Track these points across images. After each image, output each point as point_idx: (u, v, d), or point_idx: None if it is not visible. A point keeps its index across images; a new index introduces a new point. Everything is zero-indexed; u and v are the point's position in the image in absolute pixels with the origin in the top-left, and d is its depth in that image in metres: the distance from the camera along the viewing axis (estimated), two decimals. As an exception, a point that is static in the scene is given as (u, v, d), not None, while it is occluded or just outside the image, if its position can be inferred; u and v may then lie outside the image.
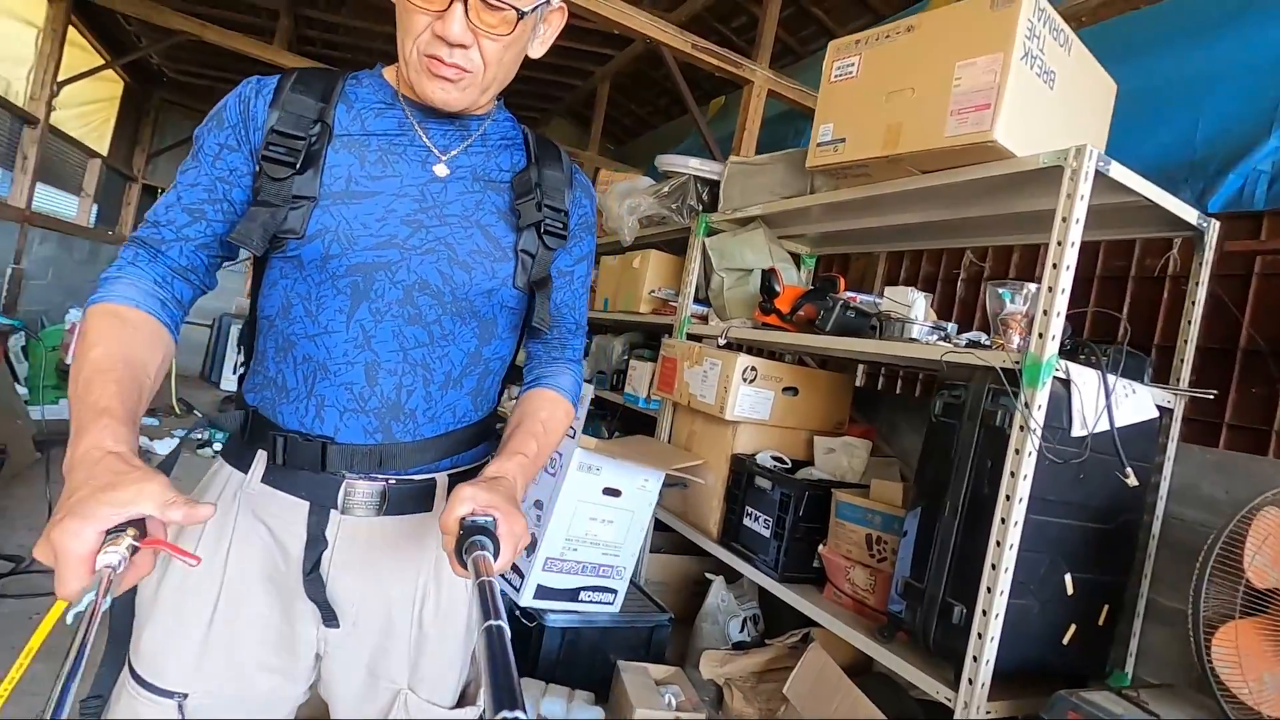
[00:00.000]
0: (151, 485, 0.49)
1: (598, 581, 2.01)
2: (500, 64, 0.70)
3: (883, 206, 1.93)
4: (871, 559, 1.66)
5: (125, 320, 0.63)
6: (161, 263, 0.68)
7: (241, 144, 0.69)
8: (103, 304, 0.63)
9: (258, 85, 0.70)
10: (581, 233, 0.83)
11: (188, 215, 0.69)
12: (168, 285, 0.68)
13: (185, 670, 0.68)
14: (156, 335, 0.65)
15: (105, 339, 0.60)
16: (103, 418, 0.53)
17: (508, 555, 0.61)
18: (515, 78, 2.56)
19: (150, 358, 0.62)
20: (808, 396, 2.16)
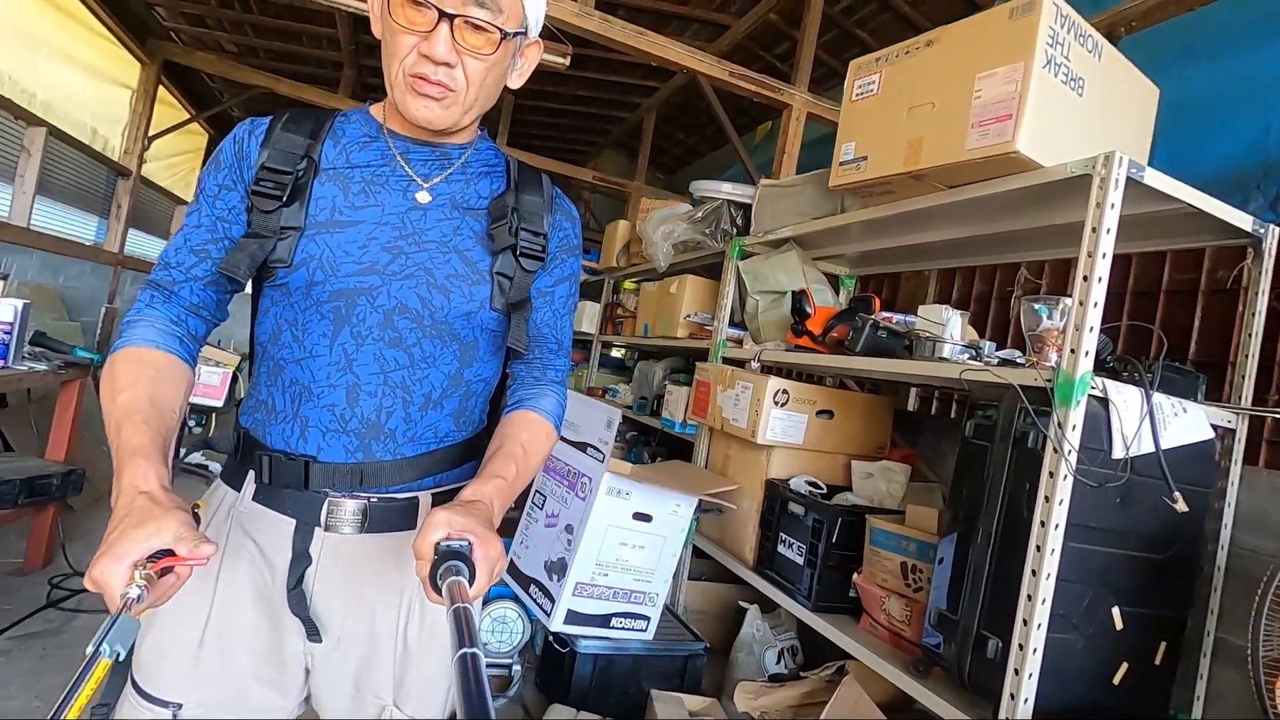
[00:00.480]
0: (168, 523, 0.56)
1: (629, 608, 1.99)
2: (482, 85, 0.73)
3: (913, 224, 1.89)
4: (907, 588, 1.59)
5: (148, 362, 0.68)
6: (175, 303, 0.73)
7: (237, 183, 0.74)
8: (126, 349, 0.69)
9: (250, 127, 0.75)
10: (563, 255, 0.84)
11: (194, 256, 0.74)
12: (183, 323, 0.73)
13: (179, 680, 0.71)
14: (177, 371, 0.71)
15: (132, 383, 0.66)
16: (135, 458, 0.60)
17: (483, 581, 0.61)
18: (565, 112, 2.67)
19: (173, 394, 0.68)
20: (844, 420, 2.10)
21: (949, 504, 1.46)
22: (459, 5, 0.68)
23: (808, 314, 2.02)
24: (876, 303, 1.95)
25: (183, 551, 0.56)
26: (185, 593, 0.72)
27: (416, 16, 0.68)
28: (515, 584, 2.12)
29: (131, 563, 0.54)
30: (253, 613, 0.73)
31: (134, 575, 0.54)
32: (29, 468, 2.19)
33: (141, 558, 0.54)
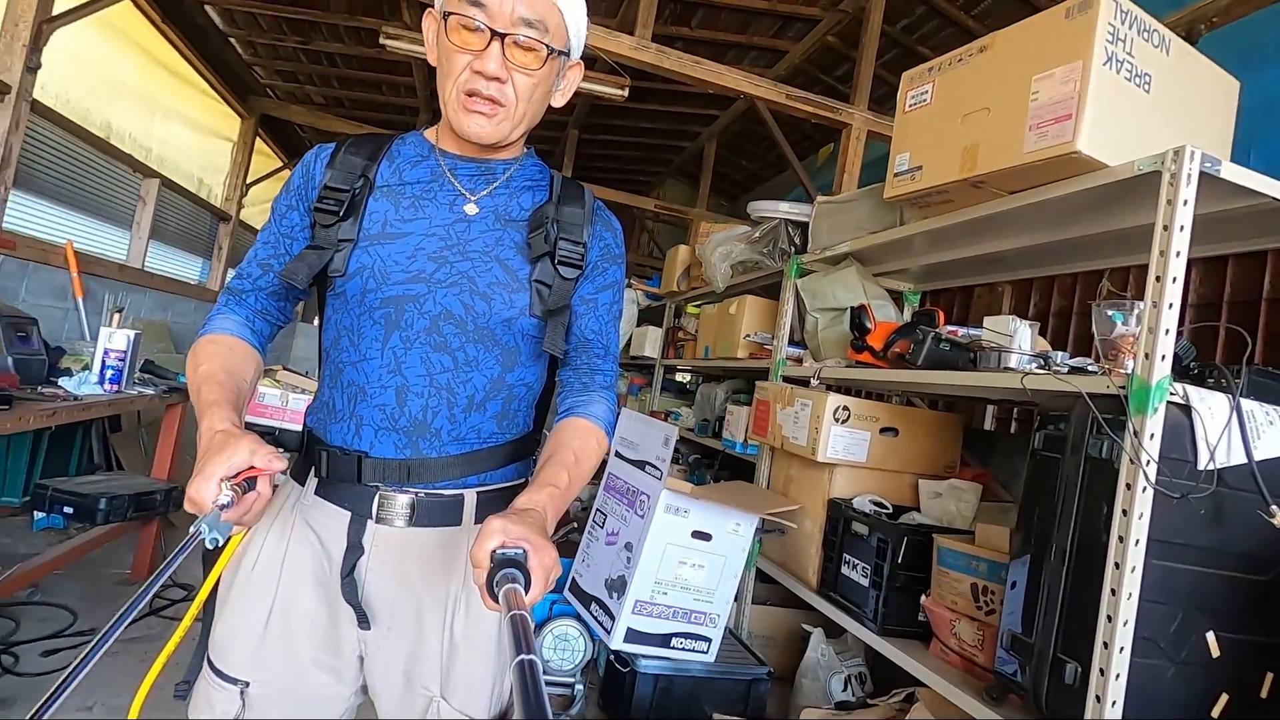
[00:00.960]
0: (243, 442, 0.65)
1: (690, 628, 1.97)
2: (530, 100, 0.79)
3: (977, 233, 1.84)
4: (979, 611, 1.51)
5: (223, 343, 0.80)
6: (245, 306, 0.84)
7: (301, 202, 0.82)
8: (205, 335, 0.80)
9: (317, 152, 0.83)
10: (604, 263, 0.87)
11: (260, 269, 0.84)
12: (250, 323, 0.84)
13: (246, 660, 0.76)
14: (248, 353, 0.81)
15: (210, 358, 0.77)
16: (211, 408, 0.70)
17: (539, 588, 0.62)
18: (628, 144, 2.77)
19: (245, 368, 0.79)
20: (910, 437, 2.04)
21: (1019, 521, 1.39)
22: (509, 25, 0.74)
23: (868, 329, 1.98)
24: (940, 316, 1.89)
25: (259, 463, 0.64)
26: (253, 577, 0.78)
27: (470, 37, 0.74)
28: (577, 602, 2.13)
29: (218, 479, 0.62)
30: (313, 600, 0.78)
31: (221, 489, 0.62)
32: (136, 485, 2.38)
33: (226, 475, 0.62)
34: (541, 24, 0.75)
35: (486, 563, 0.62)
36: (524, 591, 0.60)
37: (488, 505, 0.82)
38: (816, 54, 4.53)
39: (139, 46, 3.58)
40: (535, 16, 0.74)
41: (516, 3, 0.73)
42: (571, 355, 0.87)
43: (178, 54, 3.95)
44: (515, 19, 0.74)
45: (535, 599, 0.62)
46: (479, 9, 0.73)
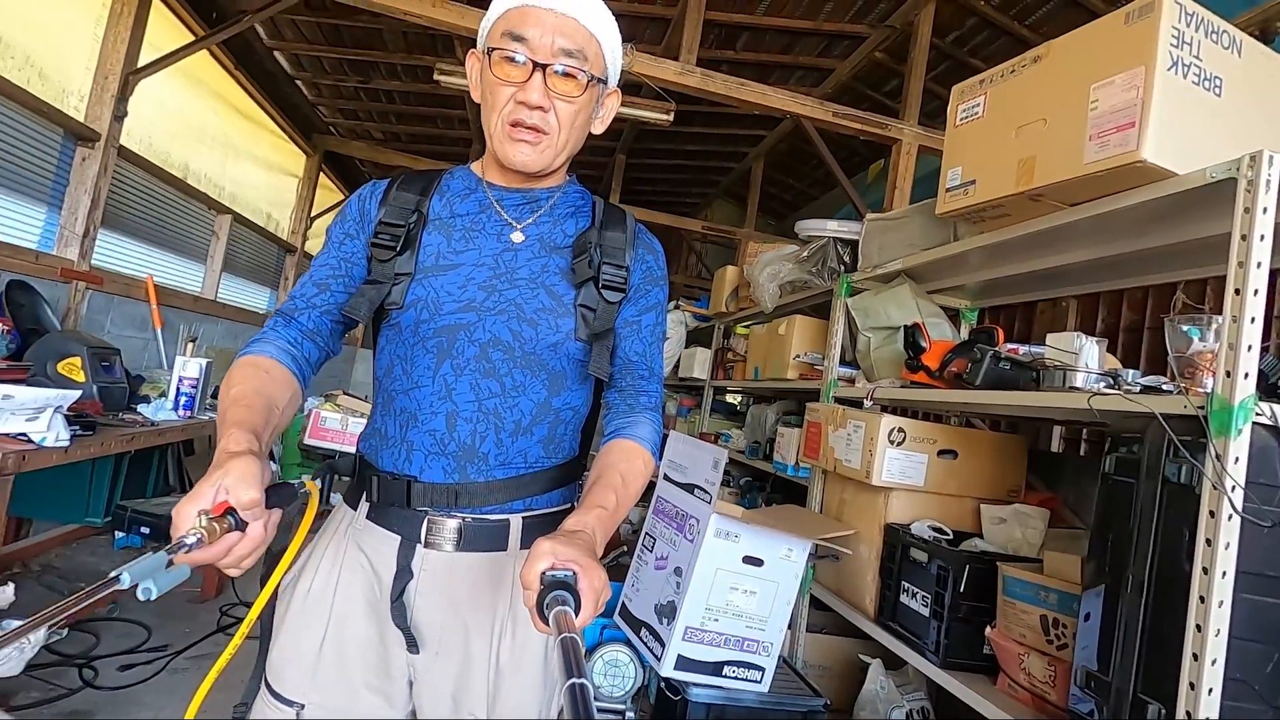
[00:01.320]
0: (231, 468, 0.59)
1: (742, 656, 1.92)
2: (573, 126, 0.81)
3: (1037, 247, 1.77)
4: (1049, 645, 1.43)
5: (261, 367, 0.77)
6: (294, 327, 0.82)
7: (359, 233, 0.85)
8: (245, 357, 0.79)
9: (373, 188, 0.86)
10: (646, 286, 0.88)
11: (316, 288, 0.84)
12: (298, 345, 0.82)
13: (302, 682, 0.78)
14: (286, 379, 0.78)
15: (244, 380, 0.75)
16: (229, 429, 0.66)
17: (589, 610, 0.61)
18: (675, 167, 2.81)
19: (279, 395, 0.75)
20: (970, 460, 1.96)
21: (1091, 550, 1.31)
22: (549, 56, 0.77)
23: (922, 348, 1.93)
24: (1000, 334, 1.82)
25: (232, 498, 0.57)
26: (308, 601, 0.79)
27: (513, 70, 0.77)
28: (627, 627, 2.11)
29: (198, 509, 0.56)
30: (364, 623, 0.79)
31: (198, 521, 0.55)
32: (207, 505, 2.48)
33: (208, 504, 0.56)
34: (580, 53, 0.78)
35: (537, 584, 0.61)
36: (574, 614, 0.59)
37: (534, 530, 0.82)
38: (865, 71, 4.49)
39: (214, 92, 3.82)
40: (574, 46, 0.77)
41: (556, 34, 0.76)
42: (616, 377, 0.87)
43: (249, 98, 4.20)
44: (555, 50, 0.77)
45: (585, 621, 0.61)
46: (520, 43, 0.76)
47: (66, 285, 2.67)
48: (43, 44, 2.49)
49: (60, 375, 1.94)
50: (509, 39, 0.77)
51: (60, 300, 2.63)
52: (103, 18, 2.75)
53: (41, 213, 2.63)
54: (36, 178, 2.57)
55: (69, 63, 2.65)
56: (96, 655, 2.06)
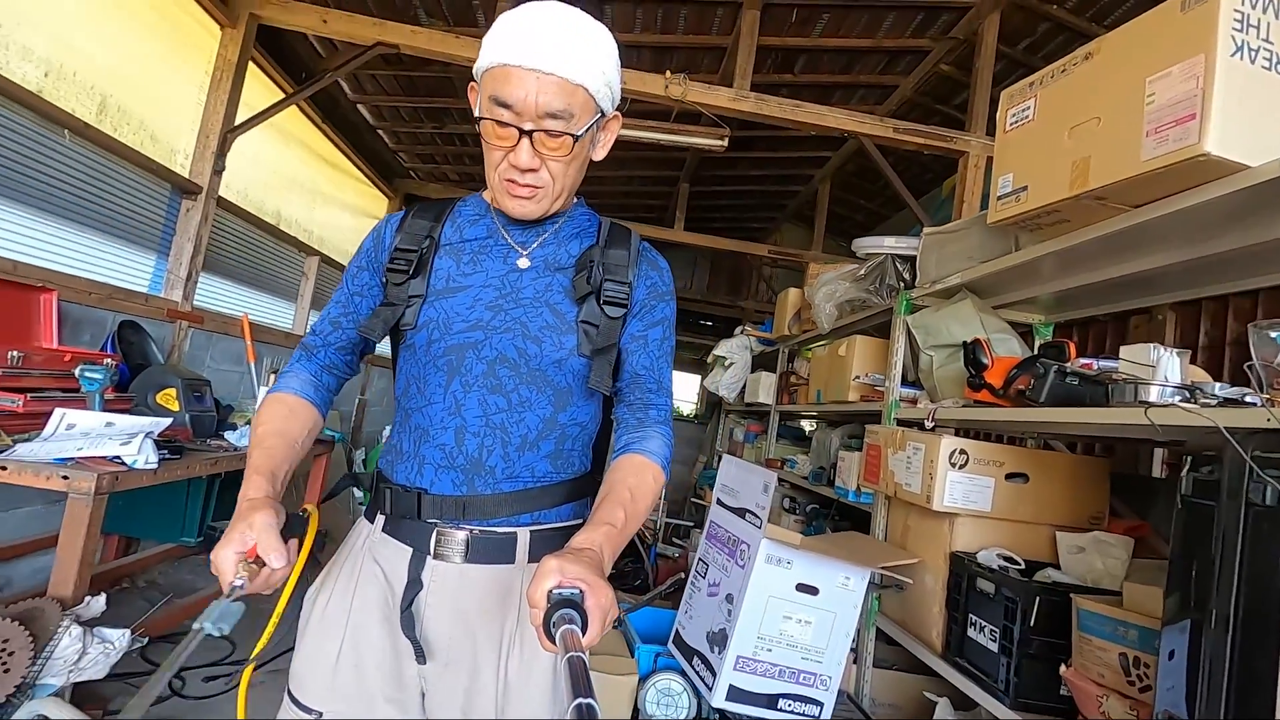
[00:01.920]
0: (253, 519, 0.69)
1: (799, 689, 1.84)
2: (565, 176, 0.83)
3: (1108, 254, 1.65)
4: (1131, 686, 1.30)
5: (286, 404, 0.86)
6: (315, 361, 0.91)
7: (370, 264, 0.90)
8: (274, 394, 0.88)
9: (388, 220, 0.92)
10: (652, 301, 0.88)
11: (331, 326, 0.92)
12: (319, 378, 0.91)
13: (321, 691, 0.81)
14: (306, 413, 0.87)
15: (270, 419, 0.84)
16: (252, 475, 0.76)
17: (596, 629, 0.62)
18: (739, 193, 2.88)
19: (299, 429, 0.85)
20: (1044, 484, 1.83)
21: (1171, 582, 1.19)
22: (535, 121, 0.77)
23: (984, 365, 1.83)
24: (1071, 348, 1.71)
25: (260, 550, 0.67)
26: (327, 612, 0.83)
27: (503, 133, 0.79)
28: (680, 656, 2.07)
29: (233, 552, 0.67)
30: (380, 635, 0.82)
31: (239, 567, 0.66)
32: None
33: (241, 550, 0.67)
34: (566, 112, 0.77)
35: (543, 602, 0.61)
36: (581, 632, 0.59)
37: (542, 544, 0.83)
38: (930, 85, 4.37)
39: (303, 144, 4.14)
40: (559, 107, 0.77)
41: (539, 97, 0.76)
42: (625, 391, 0.88)
43: (335, 147, 4.53)
44: (540, 114, 0.77)
45: (592, 641, 0.61)
46: (506, 109, 0.77)
47: (171, 324, 2.94)
48: (155, 110, 2.79)
49: (158, 405, 2.13)
50: (494, 104, 0.77)
51: (166, 338, 2.90)
52: (205, 85, 3.06)
53: (151, 259, 2.92)
54: (148, 228, 2.86)
55: (176, 125, 2.95)
56: (185, 666, 2.21)
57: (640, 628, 2.49)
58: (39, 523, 2.36)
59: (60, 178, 2.36)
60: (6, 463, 1.48)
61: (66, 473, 1.49)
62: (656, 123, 3.65)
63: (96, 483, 1.49)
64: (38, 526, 2.35)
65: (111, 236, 2.66)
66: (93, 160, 2.49)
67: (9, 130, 2.15)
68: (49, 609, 1.39)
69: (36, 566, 2.41)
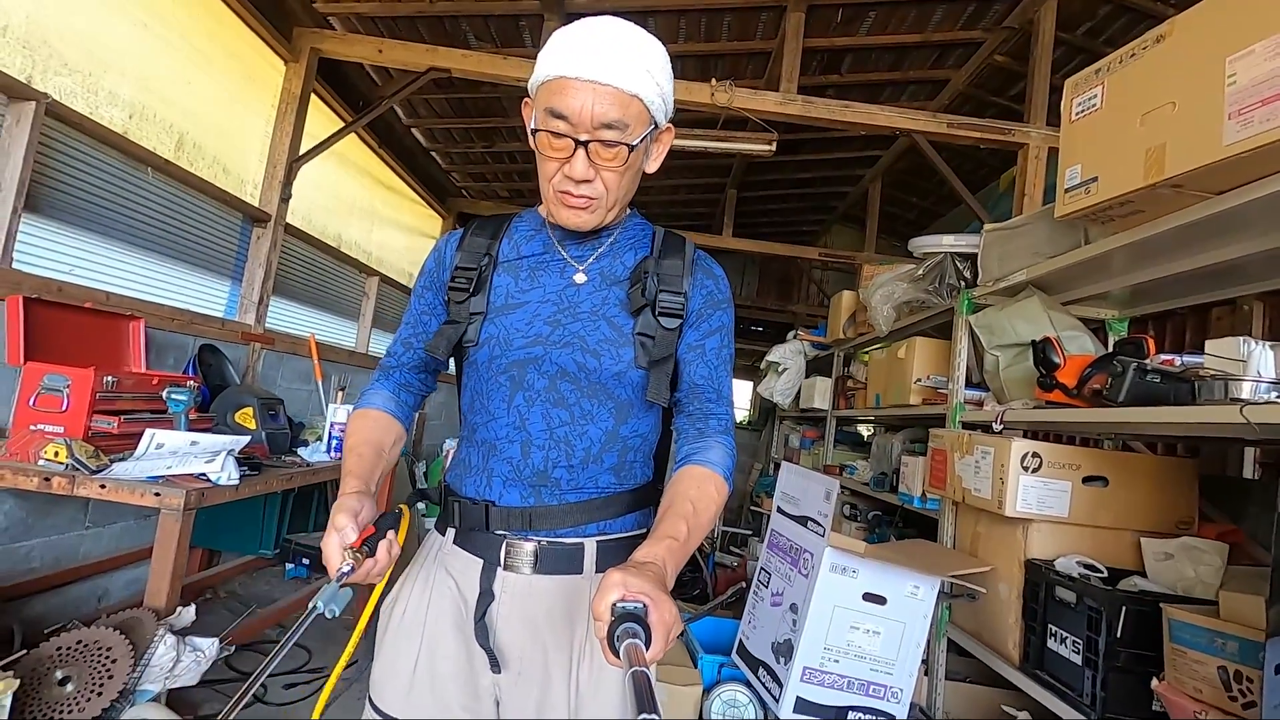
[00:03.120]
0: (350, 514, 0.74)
1: (868, 702, 1.80)
2: (620, 187, 0.83)
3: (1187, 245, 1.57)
4: (1232, 702, 1.22)
5: (370, 418, 0.91)
6: (391, 381, 0.96)
7: (434, 283, 0.93)
8: (359, 410, 0.93)
9: (448, 238, 0.95)
10: (708, 310, 0.88)
11: (403, 347, 0.96)
12: (397, 395, 0.95)
13: (400, 700, 0.83)
14: (390, 424, 0.92)
15: (357, 433, 0.89)
16: (349, 477, 0.81)
17: (659, 644, 0.61)
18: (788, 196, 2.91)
19: (386, 439, 0.89)
20: (1125, 488, 1.75)
21: (1273, 590, 1.12)
22: (590, 131, 0.78)
23: (1055, 364, 1.76)
24: (1150, 344, 1.63)
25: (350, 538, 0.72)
26: (404, 622, 0.86)
27: (558, 144, 0.79)
28: (745, 666, 2.05)
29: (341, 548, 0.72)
30: (454, 645, 0.84)
31: (345, 555, 0.71)
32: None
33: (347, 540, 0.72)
34: (621, 122, 0.78)
35: (607, 615, 0.62)
36: (645, 647, 0.59)
37: (608, 554, 0.84)
38: (985, 77, 4.25)
39: (361, 169, 4.31)
40: (614, 117, 0.77)
41: (594, 107, 0.76)
42: (684, 402, 0.88)
43: (391, 171, 4.69)
44: (596, 124, 0.77)
45: (656, 655, 0.61)
46: (562, 120, 0.78)
47: (245, 346, 3.09)
48: (226, 144, 2.96)
49: (237, 423, 2.24)
50: (550, 116, 0.78)
51: (241, 359, 3.05)
52: (271, 118, 3.22)
53: (226, 285, 3.08)
54: (223, 256, 3.02)
55: (245, 157, 3.12)
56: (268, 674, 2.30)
57: (701, 638, 2.48)
58: (131, 537, 2.51)
59: (144, 212, 2.52)
60: (105, 481, 1.58)
61: (158, 490, 1.58)
62: (703, 130, 3.65)
63: (185, 499, 1.58)
64: (130, 540, 2.50)
65: (190, 265, 2.82)
66: (172, 195, 2.65)
67: (99, 170, 2.31)
68: (146, 619, 1.48)
69: (130, 578, 2.56)
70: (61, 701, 1.26)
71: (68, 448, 1.59)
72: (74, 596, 2.32)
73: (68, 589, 2.26)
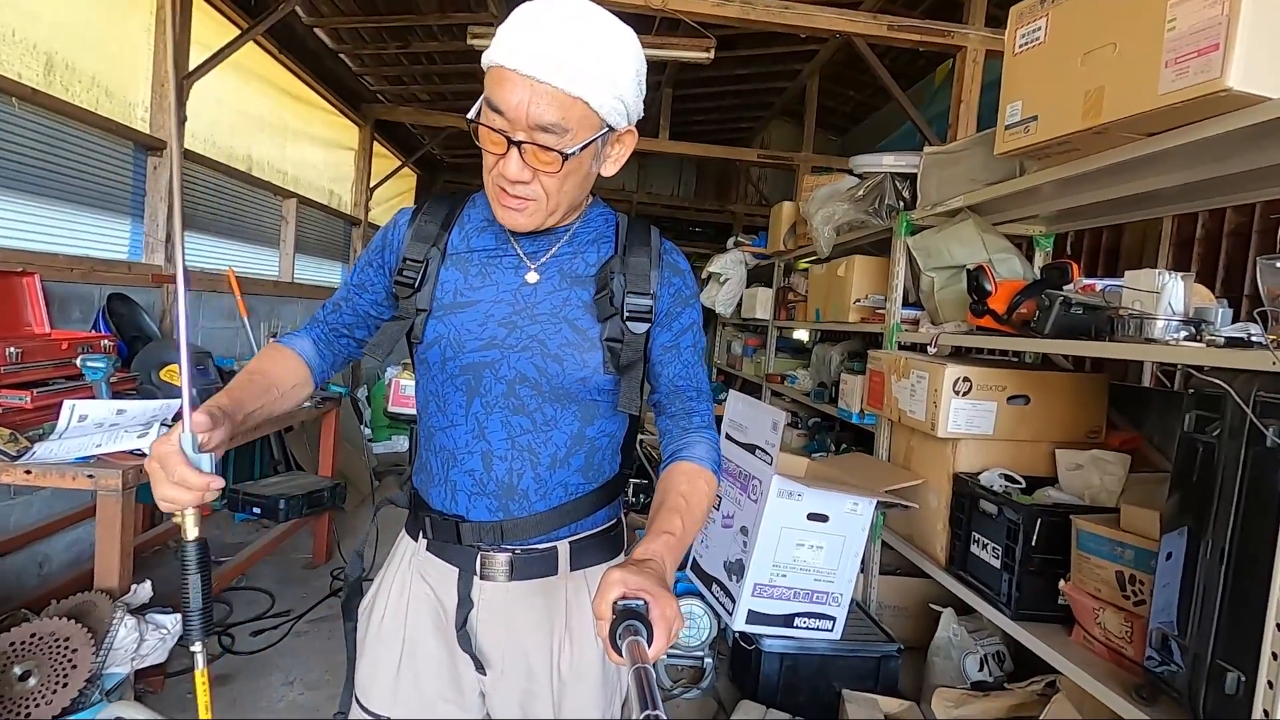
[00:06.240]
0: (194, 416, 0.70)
1: (812, 608, 1.97)
2: (560, 192, 0.78)
3: (1117, 175, 1.62)
4: (1126, 601, 1.40)
5: (278, 352, 0.87)
6: (314, 332, 0.90)
7: (377, 260, 0.88)
8: (272, 344, 0.89)
9: (399, 218, 0.88)
10: (677, 308, 0.86)
11: (332, 306, 0.91)
12: (316, 346, 0.90)
13: (385, 698, 0.87)
14: (297, 366, 0.86)
15: (258, 359, 0.85)
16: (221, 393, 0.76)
17: (662, 641, 0.62)
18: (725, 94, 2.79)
19: (283, 376, 0.84)
20: (1044, 403, 1.88)
21: (1166, 508, 1.25)
22: (526, 132, 0.72)
23: (988, 291, 1.83)
24: (1074, 269, 1.71)
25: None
26: (383, 627, 0.88)
27: (493, 139, 0.73)
28: (699, 582, 2.20)
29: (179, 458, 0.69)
30: (434, 644, 0.86)
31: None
32: (307, 484, 2.71)
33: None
34: (559, 126, 0.71)
35: (609, 614, 0.62)
36: (646, 644, 0.60)
37: (581, 553, 0.86)
38: (922, -32, 4.09)
39: (265, 80, 3.90)
40: (553, 119, 0.71)
41: (532, 107, 0.70)
42: (665, 403, 0.87)
43: (298, 79, 4.26)
44: (532, 124, 0.71)
45: (659, 652, 0.62)
46: (498, 115, 0.72)
47: (158, 289, 2.88)
48: (105, 63, 2.60)
49: (163, 382, 2.12)
50: (488, 108, 0.73)
51: (155, 305, 2.85)
52: (151, 26, 2.83)
53: (126, 224, 2.82)
54: (117, 192, 2.74)
55: (131, 75, 2.76)
56: (232, 623, 2.33)
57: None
58: (65, 500, 2.41)
59: (17, 152, 2.24)
60: (30, 466, 1.50)
61: (91, 471, 1.51)
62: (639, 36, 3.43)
63: (123, 478, 1.52)
64: (64, 503, 2.41)
65: (81, 206, 2.55)
66: (48, 127, 2.35)
67: (-47, 105, 2.02)
68: (100, 602, 1.45)
69: (70, 540, 2.49)
70: (25, 697, 1.25)
71: (-20, 434, 1.49)
72: (13, 567, 2.25)
73: (4, 560, 2.18)
